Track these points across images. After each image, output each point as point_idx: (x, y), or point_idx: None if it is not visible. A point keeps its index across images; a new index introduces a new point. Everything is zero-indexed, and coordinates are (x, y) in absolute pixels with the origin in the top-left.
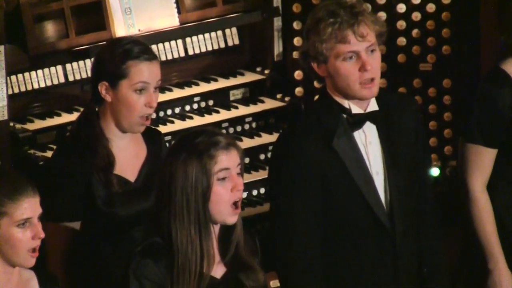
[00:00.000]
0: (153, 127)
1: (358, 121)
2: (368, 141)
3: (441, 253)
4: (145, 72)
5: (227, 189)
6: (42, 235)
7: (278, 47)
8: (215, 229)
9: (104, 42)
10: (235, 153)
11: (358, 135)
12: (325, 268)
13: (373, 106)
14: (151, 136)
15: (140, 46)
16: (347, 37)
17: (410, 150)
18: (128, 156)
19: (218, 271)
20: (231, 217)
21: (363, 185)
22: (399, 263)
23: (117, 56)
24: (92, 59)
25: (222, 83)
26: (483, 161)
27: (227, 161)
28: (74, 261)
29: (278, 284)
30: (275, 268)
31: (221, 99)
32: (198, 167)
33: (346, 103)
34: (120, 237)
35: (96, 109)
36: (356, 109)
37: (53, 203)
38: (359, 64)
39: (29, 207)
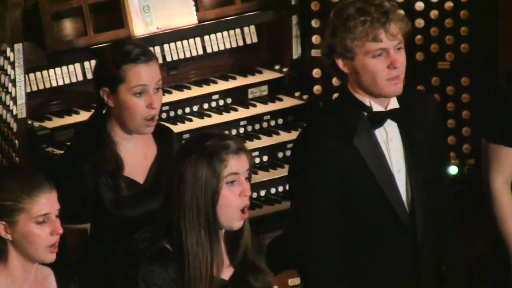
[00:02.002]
0: (165, 125)
1: (379, 118)
2: (389, 138)
3: (459, 251)
4: (142, 75)
5: (235, 193)
6: (61, 230)
7: (296, 45)
8: (222, 232)
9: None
10: (244, 158)
11: (379, 133)
12: (345, 265)
13: (393, 103)
14: (161, 134)
15: (136, 49)
16: (378, 36)
17: (430, 147)
18: (136, 157)
19: (226, 272)
20: (238, 222)
21: (384, 183)
22: (420, 261)
23: (113, 61)
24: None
25: (240, 81)
26: (503, 160)
27: (236, 165)
28: (83, 261)
29: (297, 282)
30: (296, 265)
31: (239, 97)
32: (208, 170)
33: (367, 101)
34: (129, 237)
35: (103, 112)
36: (377, 107)
37: (61, 206)
38: (387, 61)
39: (47, 202)
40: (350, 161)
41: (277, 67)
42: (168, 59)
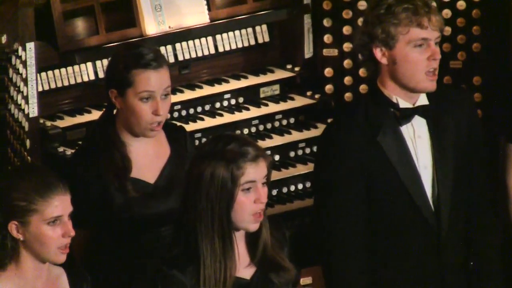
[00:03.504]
0: (178, 124)
1: (406, 115)
2: (417, 135)
3: (496, 249)
4: (150, 81)
5: (251, 200)
6: (72, 233)
7: (308, 44)
8: (241, 232)
9: (134, 39)
10: (263, 164)
11: (406, 129)
12: (368, 261)
13: (422, 100)
14: (174, 134)
15: (149, 54)
16: (423, 23)
17: (461, 145)
18: (147, 158)
19: (248, 271)
20: (253, 225)
21: (409, 181)
22: (443, 258)
23: (124, 64)
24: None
25: (252, 80)
26: None
27: (254, 173)
28: (91, 262)
29: (308, 282)
30: (319, 259)
31: (251, 96)
32: (225, 176)
33: (394, 98)
34: (136, 238)
35: (114, 112)
36: (404, 103)
37: None
38: (428, 52)
39: (60, 205)
40: (375, 158)
41: (289, 66)
42: (180, 58)
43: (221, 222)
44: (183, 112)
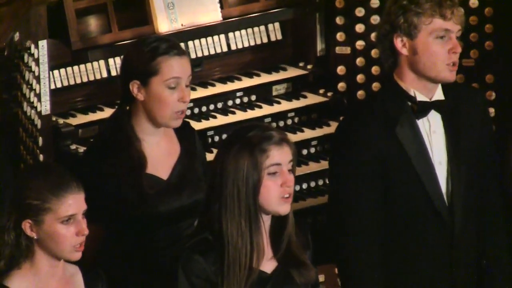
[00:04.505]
0: (186, 122)
1: (423, 109)
2: (432, 130)
3: (506, 248)
4: (176, 68)
5: (277, 184)
6: (86, 231)
7: (320, 42)
8: (266, 224)
9: None
10: (287, 149)
11: (422, 123)
12: (382, 254)
13: (439, 95)
14: (184, 132)
15: (169, 42)
16: (447, 14)
17: (475, 142)
18: (161, 154)
19: (269, 266)
20: (282, 207)
21: (424, 174)
22: (455, 254)
23: (147, 54)
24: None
25: (264, 78)
26: None
27: (278, 156)
28: (105, 258)
29: (321, 279)
30: (334, 255)
31: (263, 94)
32: (250, 161)
33: (411, 91)
34: (149, 236)
35: (127, 108)
36: (421, 97)
37: None
38: (449, 45)
39: (74, 203)
40: (391, 150)
41: (301, 64)
42: (193, 56)
43: (248, 207)
44: (196, 110)
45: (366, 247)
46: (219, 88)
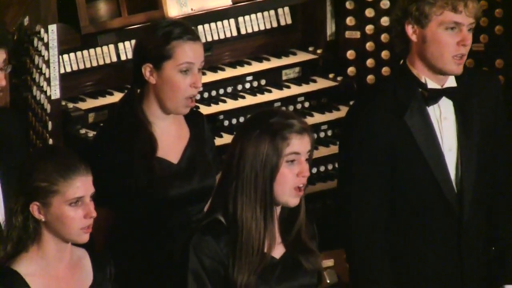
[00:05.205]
0: (195, 109)
1: (434, 96)
2: (443, 116)
3: None
4: (189, 52)
5: (294, 172)
6: (94, 214)
7: (330, 27)
8: (277, 210)
9: None
10: (307, 139)
11: (432, 110)
12: (390, 240)
13: (451, 82)
14: (193, 118)
15: (183, 27)
16: (458, 7)
17: (487, 128)
18: (171, 138)
19: (277, 251)
20: (293, 199)
21: (433, 161)
22: (464, 242)
23: (161, 37)
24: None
25: (274, 62)
26: None
27: (299, 145)
28: (115, 242)
29: (330, 264)
30: (343, 242)
31: (273, 78)
32: (270, 146)
33: (422, 78)
34: (161, 220)
35: (138, 91)
36: (432, 84)
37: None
38: (458, 37)
39: (82, 186)
40: (400, 137)
41: (311, 48)
42: (202, 40)
43: (264, 193)
44: (205, 94)
45: (374, 233)
46: (229, 72)
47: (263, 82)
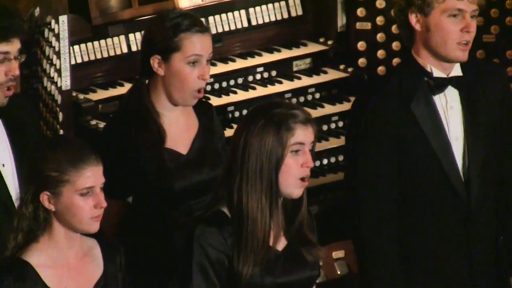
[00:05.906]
0: (204, 100)
1: (440, 85)
2: (449, 105)
3: None
4: (198, 44)
5: (298, 163)
6: (104, 204)
7: (341, 18)
8: (280, 202)
9: None
10: (311, 130)
11: (438, 99)
12: (398, 230)
13: (456, 71)
14: (202, 109)
15: (191, 19)
16: None
17: (493, 118)
18: (179, 129)
19: (280, 243)
20: (297, 190)
21: (440, 150)
22: (472, 230)
23: (169, 29)
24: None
25: (285, 53)
26: None
27: (303, 135)
28: (126, 233)
29: (341, 255)
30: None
31: (284, 69)
32: (275, 137)
33: (428, 67)
34: (172, 210)
35: (146, 82)
36: (438, 73)
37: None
38: (462, 24)
39: (92, 175)
40: (407, 126)
41: (321, 39)
42: (213, 31)
43: (270, 183)
44: (216, 85)
45: (382, 222)
46: (240, 63)
47: (273, 73)
